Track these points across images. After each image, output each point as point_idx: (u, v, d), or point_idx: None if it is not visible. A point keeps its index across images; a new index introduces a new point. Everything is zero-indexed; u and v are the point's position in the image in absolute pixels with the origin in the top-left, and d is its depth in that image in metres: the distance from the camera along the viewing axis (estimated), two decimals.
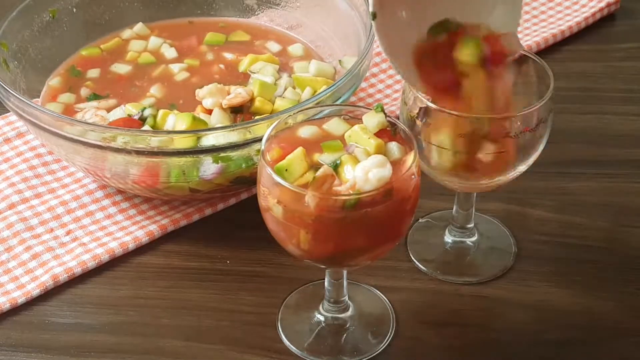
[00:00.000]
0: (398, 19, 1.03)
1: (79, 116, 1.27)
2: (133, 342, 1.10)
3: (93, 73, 1.35)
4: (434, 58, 1.03)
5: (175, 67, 1.34)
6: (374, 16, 1.02)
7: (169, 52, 1.37)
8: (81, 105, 1.30)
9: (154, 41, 1.39)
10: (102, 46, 1.39)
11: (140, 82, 1.33)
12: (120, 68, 1.35)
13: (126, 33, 1.41)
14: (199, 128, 1.19)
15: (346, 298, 1.10)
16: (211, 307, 1.13)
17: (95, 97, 1.30)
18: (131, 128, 1.20)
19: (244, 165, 1.14)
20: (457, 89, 1.03)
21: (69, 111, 1.29)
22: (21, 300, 1.14)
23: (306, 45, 1.39)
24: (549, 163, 1.27)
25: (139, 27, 1.42)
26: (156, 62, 1.36)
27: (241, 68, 1.33)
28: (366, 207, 0.93)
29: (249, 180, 1.18)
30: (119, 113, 1.26)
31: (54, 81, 1.34)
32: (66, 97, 1.32)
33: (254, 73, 1.31)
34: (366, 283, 1.15)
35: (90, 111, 1.27)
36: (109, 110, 1.28)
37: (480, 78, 1.02)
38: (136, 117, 1.23)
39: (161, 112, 1.22)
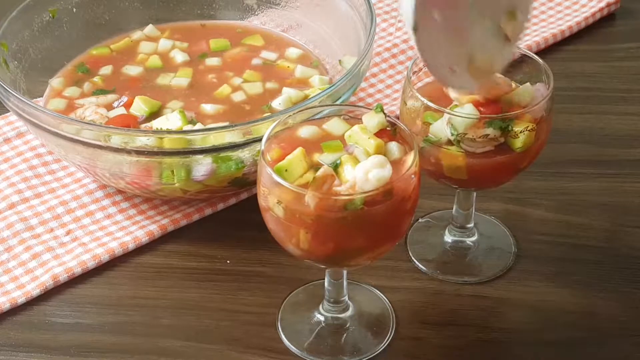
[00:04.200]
0: (436, 28, 1.00)
1: (79, 112, 1.27)
2: (133, 342, 1.10)
3: (105, 70, 1.36)
4: None
5: (178, 80, 1.34)
6: (415, 29, 0.98)
7: (180, 56, 1.37)
8: (81, 101, 1.30)
9: (163, 43, 1.39)
10: (111, 46, 1.40)
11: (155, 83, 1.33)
12: (132, 70, 1.35)
13: (136, 34, 1.42)
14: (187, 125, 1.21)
15: (346, 298, 1.10)
16: (211, 307, 1.13)
17: (101, 92, 1.31)
18: (128, 127, 1.21)
19: (233, 167, 1.14)
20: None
21: (71, 105, 1.30)
22: (21, 300, 1.14)
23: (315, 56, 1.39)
24: (549, 163, 1.28)
25: (150, 28, 1.42)
26: (163, 67, 1.36)
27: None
28: (366, 207, 0.93)
29: (242, 181, 1.18)
30: (119, 111, 1.27)
31: (56, 81, 1.34)
32: (72, 91, 1.32)
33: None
34: (366, 283, 1.15)
35: (90, 108, 1.28)
36: (108, 107, 1.28)
37: None
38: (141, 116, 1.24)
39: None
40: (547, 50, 1.49)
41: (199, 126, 1.22)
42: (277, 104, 1.28)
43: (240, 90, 1.32)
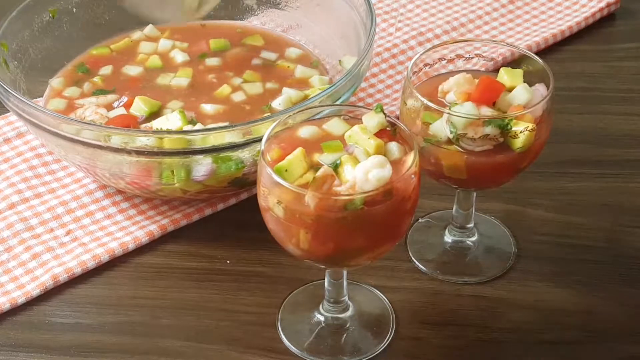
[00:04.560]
0: None
1: (79, 112, 1.27)
2: (133, 342, 1.10)
3: (105, 70, 1.36)
4: None
5: (178, 80, 1.34)
6: None
7: (180, 56, 1.37)
8: (81, 101, 1.30)
9: (163, 43, 1.39)
10: (112, 46, 1.40)
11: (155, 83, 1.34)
12: (132, 70, 1.35)
13: (136, 34, 1.41)
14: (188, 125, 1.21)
15: (346, 298, 1.10)
16: (211, 307, 1.13)
17: (101, 92, 1.31)
18: (128, 127, 1.20)
19: (233, 168, 1.14)
20: None
21: (71, 105, 1.30)
22: (21, 300, 1.14)
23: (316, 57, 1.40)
24: (549, 163, 1.28)
25: (149, 28, 1.42)
26: (163, 68, 1.36)
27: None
28: (366, 207, 0.93)
29: (242, 181, 1.18)
30: (119, 111, 1.27)
31: (56, 81, 1.34)
32: (72, 91, 1.32)
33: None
34: (366, 283, 1.15)
35: (90, 108, 1.28)
36: (108, 107, 1.28)
37: None
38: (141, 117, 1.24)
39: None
40: (547, 50, 1.49)
41: (199, 126, 1.22)
42: (277, 104, 1.28)
43: (240, 90, 1.32)
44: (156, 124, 1.23)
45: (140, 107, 1.27)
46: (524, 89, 1.06)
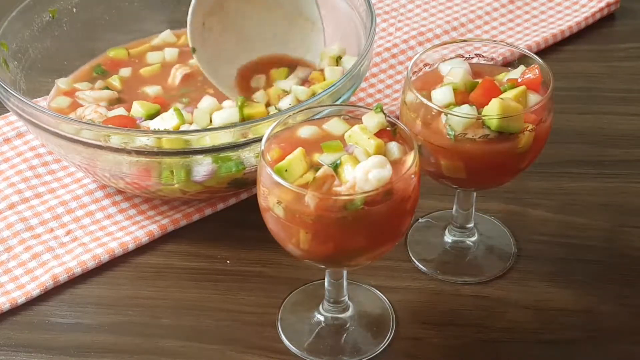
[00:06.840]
0: (219, 51, 1.27)
1: (79, 111, 1.27)
2: (133, 342, 1.10)
3: (124, 72, 1.36)
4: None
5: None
6: (194, 51, 1.27)
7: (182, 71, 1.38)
8: (81, 95, 1.30)
9: (169, 52, 1.39)
10: (130, 50, 1.39)
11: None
12: (150, 90, 1.34)
13: (155, 40, 1.41)
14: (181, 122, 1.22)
15: (346, 298, 1.10)
16: (211, 307, 1.13)
17: (108, 88, 1.31)
18: (126, 127, 1.20)
19: (234, 169, 1.14)
20: None
21: (75, 103, 1.30)
22: (21, 300, 1.14)
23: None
24: (549, 163, 1.28)
25: (166, 34, 1.42)
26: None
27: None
28: (366, 207, 0.93)
29: (242, 181, 1.18)
30: (118, 111, 1.26)
31: (62, 81, 1.34)
32: (82, 85, 1.33)
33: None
34: (366, 283, 1.15)
35: (89, 107, 1.28)
36: (112, 102, 1.28)
37: None
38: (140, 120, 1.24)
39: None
40: (547, 50, 1.49)
41: (194, 126, 1.22)
42: (286, 103, 1.27)
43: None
44: (152, 124, 1.23)
45: (138, 110, 1.26)
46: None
